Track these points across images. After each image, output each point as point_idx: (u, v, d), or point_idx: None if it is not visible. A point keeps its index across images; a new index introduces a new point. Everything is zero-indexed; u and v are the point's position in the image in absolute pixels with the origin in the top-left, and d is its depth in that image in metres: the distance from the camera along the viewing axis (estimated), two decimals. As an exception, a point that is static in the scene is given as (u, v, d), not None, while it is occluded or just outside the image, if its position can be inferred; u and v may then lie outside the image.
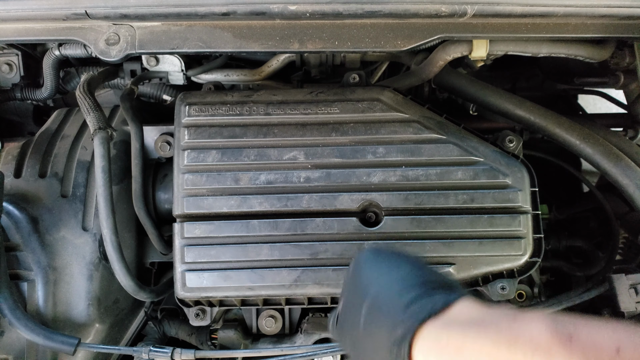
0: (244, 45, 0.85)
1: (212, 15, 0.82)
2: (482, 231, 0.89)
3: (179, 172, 0.91)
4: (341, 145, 0.91)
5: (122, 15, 0.82)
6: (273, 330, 1.06)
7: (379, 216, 0.90)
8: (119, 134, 1.05)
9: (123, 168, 1.04)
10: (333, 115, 0.91)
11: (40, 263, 0.97)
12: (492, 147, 0.92)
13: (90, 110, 0.87)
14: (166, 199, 1.02)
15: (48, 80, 1.08)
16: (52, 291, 0.97)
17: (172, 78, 1.07)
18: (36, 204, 1.00)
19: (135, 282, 0.89)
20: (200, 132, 0.91)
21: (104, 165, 0.85)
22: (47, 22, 0.86)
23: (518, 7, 0.80)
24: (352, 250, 0.88)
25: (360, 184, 0.90)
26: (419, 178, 0.90)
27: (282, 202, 0.89)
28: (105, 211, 0.85)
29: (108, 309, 1.01)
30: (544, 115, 0.96)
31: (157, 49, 0.86)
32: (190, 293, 0.89)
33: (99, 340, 1.01)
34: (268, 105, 0.92)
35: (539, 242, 0.92)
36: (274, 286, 0.89)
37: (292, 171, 0.90)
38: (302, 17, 0.82)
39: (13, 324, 0.88)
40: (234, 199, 0.90)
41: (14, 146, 1.07)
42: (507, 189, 0.90)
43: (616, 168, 0.92)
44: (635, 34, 0.86)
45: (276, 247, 0.89)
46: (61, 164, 1.03)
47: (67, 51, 1.02)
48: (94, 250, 0.99)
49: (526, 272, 0.91)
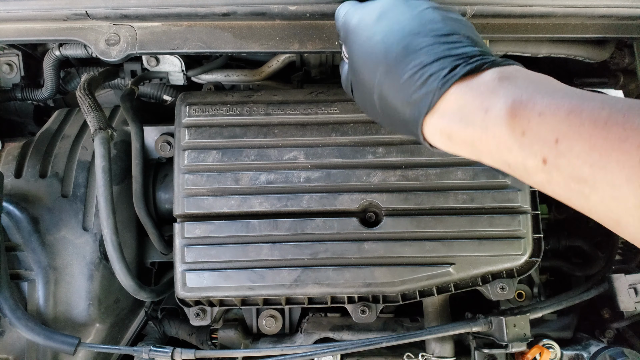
0: (244, 45, 0.85)
1: (212, 16, 0.82)
2: (481, 231, 0.89)
3: (180, 172, 0.91)
4: (341, 145, 0.91)
5: (122, 16, 0.82)
6: (273, 330, 1.06)
7: (379, 216, 0.91)
8: (120, 134, 1.05)
9: (123, 168, 1.05)
10: (333, 115, 0.92)
11: (40, 263, 0.97)
12: (492, 147, 0.92)
13: (90, 111, 0.87)
14: (166, 199, 1.02)
15: (48, 80, 1.09)
16: (53, 291, 0.97)
17: (172, 78, 1.07)
18: (37, 204, 1.00)
19: (135, 282, 0.89)
20: (200, 132, 0.91)
21: (104, 166, 0.85)
22: (48, 23, 0.86)
23: (517, 8, 0.80)
24: (352, 250, 0.88)
25: (360, 184, 0.90)
26: (419, 178, 0.90)
27: (282, 202, 0.90)
28: (105, 211, 0.85)
29: (108, 309, 1.02)
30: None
31: (158, 49, 0.86)
32: (190, 293, 0.90)
33: (100, 340, 1.01)
34: (268, 106, 0.92)
35: (539, 242, 0.92)
36: (274, 286, 0.89)
37: (292, 171, 0.90)
38: (302, 17, 0.82)
39: (13, 324, 0.88)
40: (234, 198, 0.90)
41: (15, 146, 1.07)
42: (506, 189, 0.90)
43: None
44: (635, 34, 0.86)
45: (276, 247, 0.89)
46: (62, 164, 1.03)
47: (67, 51, 1.03)
48: (95, 250, 0.99)
49: (526, 272, 0.92)
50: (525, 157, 0.46)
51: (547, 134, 0.44)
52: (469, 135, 0.51)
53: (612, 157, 0.40)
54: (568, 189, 0.44)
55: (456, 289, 0.92)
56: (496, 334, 0.90)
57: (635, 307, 0.96)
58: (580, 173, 0.42)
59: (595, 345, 0.99)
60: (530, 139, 0.45)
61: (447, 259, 0.89)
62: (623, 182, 0.39)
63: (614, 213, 0.41)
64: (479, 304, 1.04)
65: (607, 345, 0.99)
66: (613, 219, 0.42)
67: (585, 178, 0.42)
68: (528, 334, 0.90)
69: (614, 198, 0.41)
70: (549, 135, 0.44)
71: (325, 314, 1.08)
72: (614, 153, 0.40)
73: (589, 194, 0.43)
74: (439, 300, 1.00)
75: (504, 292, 0.90)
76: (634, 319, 1.03)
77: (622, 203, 0.40)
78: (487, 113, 0.49)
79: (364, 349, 0.91)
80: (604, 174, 0.41)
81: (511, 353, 0.94)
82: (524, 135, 0.46)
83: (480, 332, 0.93)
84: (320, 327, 1.05)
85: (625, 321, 1.04)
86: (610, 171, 0.40)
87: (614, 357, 0.94)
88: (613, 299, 0.97)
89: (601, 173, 0.41)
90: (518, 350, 0.91)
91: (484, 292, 0.92)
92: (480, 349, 0.95)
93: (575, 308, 1.06)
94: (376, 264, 0.88)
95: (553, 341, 0.96)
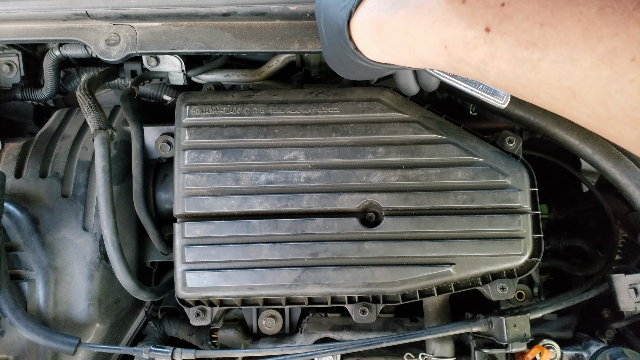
0: (244, 45, 0.85)
1: (213, 16, 0.82)
2: (481, 231, 0.89)
3: (180, 172, 0.91)
4: (341, 145, 0.91)
5: (122, 16, 0.82)
6: (273, 330, 1.06)
7: (379, 216, 0.91)
8: (120, 134, 1.05)
9: (123, 168, 1.05)
10: (333, 116, 0.92)
11: (40, 263, 0.97)
12: (492, 147, 0.92)
13: (90, 111, 0.87)
14: (167, 199, 1.02)
15: (48, 80, 1.09)
16: (53, 291, 0.97)
17: (172, 78, 1.07)
18: (37, 204, 1.00)
19: (135, 282, 0.89)
20: (200, 132, 0.91)
21: (104, 166, 0.85)
22: (48, 23, 0.86)
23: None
24: (352, 250, 0.88)
25: (360, 184, 0.90)
26: (419, 178, 0.90)
27: (283, 202, 0.90)
28: (105, 211, 0.85)
29: (108, 309, 1.02)
30: (543, 115, 0.96)
31: (158, 49, 0.86)
32: (190, 293, 0.90)
33: (100, 340, 1.01)
34: (268, 106, 0.92)
35: (539, 242, 0.92)
36: (274, 286, 0.89)
37: (293, 171, 0.90)
38: (302, 17, 0.82)
39: (13, 324, 0.88)
40: (234, 198, 0.90)
41: (15, 146, 1.07)
42: (506, 189, 0.90)
43: (616, 168, 0.92)
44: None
45: (276, 247, 0.89)
46: (62, 164, 1.03)
47: (67, 51, 1.03)
48: (95, 250, 0.99)
49: (526, 272, 0.92)
50: (465, 29, 0.41)
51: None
52: (401, 19, 0.47)
53: (566, 10, 0.35)
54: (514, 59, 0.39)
55: (456, 289, 0.92)
56: (496, 334, 0.90)
57: (635, 307, 0.96)
58: (529, 37, 0.37)
59: (595, 345, 0.99)
60: (472, 6, 0.41)
61: (447, 259, 0.89)
62: (579, 38, 0.34)
63: (568, 80, 0.36)
64: (479, 304, 1.04)
65: (607, 345, 0.99)
66: (567, 88, 0.36)
67: (534, 41, 0.37)
68: (528, 334, 0.90)
69: (568, 60, 0.35)
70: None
71: (325, 314, 1.08)
72: (567, 8, 0.35)
73: (539, 61, 0.37)
74: (439, 300, 1.00)
75: (504, 292, 0.90)
76: (634, 319, 1.03)
77: (577, 65, 0.35)
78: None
79: (364, 349, 0.91)
80: (556, 32, 0.35)
81: (511, 353, 0.94)
82: (464, 3, 0.41)
83: (480, 332, 0.93)
84: (321, 327, 1.05)
85: (625, 321, 1.04)
86: (563, 27, 0.35)
87: (614, 357, 0.94)
88: (613, 299, 0.97)
89: (553, 31, 0.36)
90: (518, 350, 0.91)
91: (484, 292, 0.92)
92: (480, 349, 0.95)
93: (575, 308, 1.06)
94: (376, 264, 0.88)
95: (553, 341, 0.96)
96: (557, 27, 0.35)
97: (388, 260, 0.88)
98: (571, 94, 0.36)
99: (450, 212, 0.89)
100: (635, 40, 0.31)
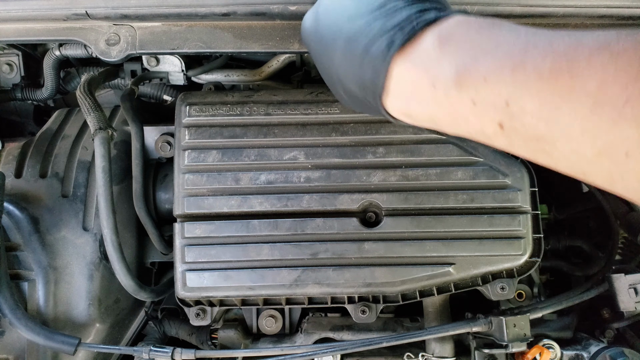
0: (244, 45, 0.85)
1: (213, 16, 0.82)
2: (481, 231, 0.89)
3: (180, 172, 0.91)
4: (341, 145, 0.91)
5: (122, 16, 0.82)
6: (273, 330, 1.06)
7: (379, 216, 0.91)
8: (120, 134, 1.05)
9: (123, 168, 1.05)
10: (333, 116, 0.92)
11: (40, 263, 0.97)
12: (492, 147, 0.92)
13: (90, 111, 0.87)
14: (167, 199, 1.02)
15: (48, 80, 1.09)
16: (53, 291, 0.97)
17: (172, 78, 1.07)
18: (37, 204, 1.00)
19: (135, 282, 0.89)
20: (200, 132, 0.91)
21: (104, 166, 0.85)
22: (48, 23, 0.86)
23: (518, 8, 0.80)
24: (352, 250, 0.88)
25: (360, 184, 0.90)
26: (419, 178, 0.90)
27: (283, 202, 0.90)
28: (105, 211, 0.85)
29: (108, 309, 1.02)
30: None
31: (158, 49, 0.86)
32: (190, 293, 0.90)
33: (100, 340, 1.01)
34: (268, 106, 0.92)
35: (539, 242, 0.92)
36: (274, 286, 0.89)
37: (293, 171, 0.90)
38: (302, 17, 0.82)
39: (13, 324, 0.88)
40: (234, 198, 0.90)
41: (15, 146, 1.07)
42: (506, 189, 0.90)
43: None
44: (634, 34, 0.86)
45: (276, 247, 0.89)
46: (62, 164, 1.03)
47: (67, 51, 1.03)
48: (95, 250, 0.99)
49: (526, 272, 0.92)
50: (483, 125, 0.45)
51: (496, 98, 0.42)
52: (425, 112, 0.50)
53: (564, 109, 0.38)
54: (530, 149, 0.43)
55: (456, 289, 0.92)
56: (496, 334, 0.90)
57: (635, 307, 0.96)
58: (537, 132, 0.40)
59: (595, 345, 0.99)
60: (482, 107, 0.44)
61: (447, 259, 0.89)
62: (578, 134, 0.37)
63: (578, 166, 0.40)
64: (479, 304, 1.04)
65: (607, 345, 0.99)
66: (579, 172, 0.41)
67: (542, 136, 0.40)
68: (528, 334, 0.90)
69: (573, 152, 0.39)
70: (498, 99, 0.42)
71: (325, 314, 1.08)
72: (564, 105, 0.38)
73: (551, 151, 0.41)
74: (439, 300, 1.00)
75: (504, 292, 0.90)
76: (634, 319, 1.03)
77: (582, 156, 0.38)
78: (435, 88, 0.47)
79: (364, 349, 0.91)
80: (560, 128, 0.39)
81: (511, 353, 0.94)
82: (475, 105, 0.44)
83: (480, 332, 0.93)
84: (320, 327, 1.05)
85: (625, 321, 1.04)
86: (564, 125, 0.38)
87: (614, 357, 0.94)
88: (613, 299, 0.97)
89: (557, 128, 0.39)
90: (518, 350, 0.91)
91: (484, 292, 0.92)
92: (480, 349, 0.95)
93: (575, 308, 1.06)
94: (376, 264, 0.88)
95: (553, 341, 0.96)
96: (559, 125, 0.39)
97: (388, 260, 0.88)
98: (583, 175, 0.41)
99: (450, 212, 0.89)
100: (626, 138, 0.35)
